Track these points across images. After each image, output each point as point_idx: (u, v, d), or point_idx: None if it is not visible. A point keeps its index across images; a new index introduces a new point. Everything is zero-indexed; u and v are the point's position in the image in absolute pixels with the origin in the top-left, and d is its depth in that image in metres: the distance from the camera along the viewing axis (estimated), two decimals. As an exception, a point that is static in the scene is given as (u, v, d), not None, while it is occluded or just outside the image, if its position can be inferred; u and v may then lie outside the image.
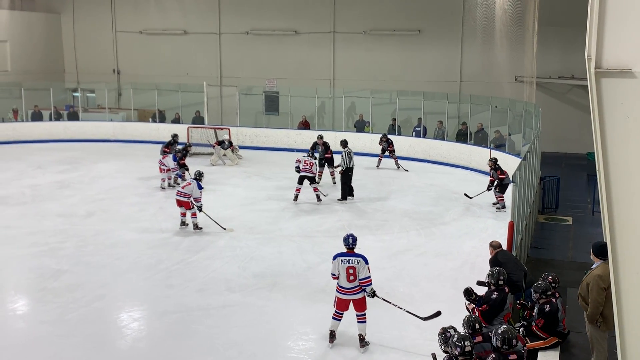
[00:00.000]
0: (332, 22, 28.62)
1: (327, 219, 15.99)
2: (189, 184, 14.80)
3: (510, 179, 16.63)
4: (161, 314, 10.50)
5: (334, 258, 9.23)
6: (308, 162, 17.33)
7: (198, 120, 27.05)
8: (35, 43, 31.25)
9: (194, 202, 14.56)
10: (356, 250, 9.28)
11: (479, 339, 7.31)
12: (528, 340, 8.40)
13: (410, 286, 11.64)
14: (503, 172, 16.77)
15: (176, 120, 27.57)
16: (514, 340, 6.85)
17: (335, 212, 16.60)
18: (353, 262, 9.09)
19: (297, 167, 17.46)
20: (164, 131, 26.40)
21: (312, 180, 17.42)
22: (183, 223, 14.86)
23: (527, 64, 20.50)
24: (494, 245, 9.91)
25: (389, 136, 22.26)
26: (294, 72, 28.88)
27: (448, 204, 17.44)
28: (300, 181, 17.32)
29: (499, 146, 21.33)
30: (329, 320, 9.49)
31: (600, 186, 5.35)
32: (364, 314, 9.21)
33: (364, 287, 9.09)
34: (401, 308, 9.62)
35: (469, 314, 7.93)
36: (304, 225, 15.54)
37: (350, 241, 9.32)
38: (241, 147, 24.43)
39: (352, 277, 9.03)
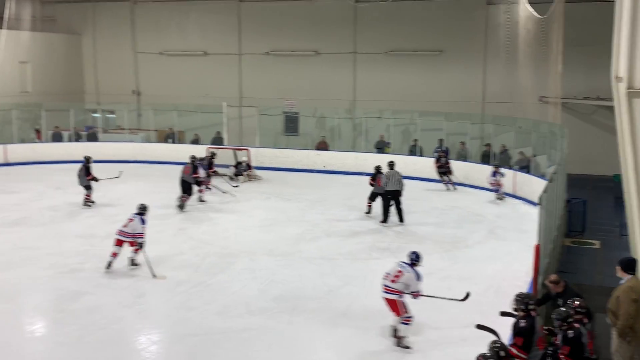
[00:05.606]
0: (353, 43, 28.60)
1: (347, 242, 15.77)
2: (132, 220, 13.27)
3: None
4: (181, 336, 10.32)
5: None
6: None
7: (217, 141, 26.99)
8: (56, 64, 31.51)
9: (136, 238, 13.18)
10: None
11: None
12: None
13: (434, 310, 11.36)
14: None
15: (195, 141, 27.56)
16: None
17: (356, 235, 16.38)
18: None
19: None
20: (182, 152, 26.32)
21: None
22: (128, 262, 13.36)
23: (552, 84, 20.23)
24: (556, 281, 9.30)
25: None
26: (315, 93, 28.80)
27: (471, 227, 17.18)
28: (373, 198, 17.78)
29: (523, 167, 21.05)
30: (351, 345, 9.60)
31: (629, 205, 5.19)
32: None
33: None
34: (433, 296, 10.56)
35: (495, 338, 7.67)
36: (324, 247, 15.33)
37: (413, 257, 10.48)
38: (260, 168, 24.32)
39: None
